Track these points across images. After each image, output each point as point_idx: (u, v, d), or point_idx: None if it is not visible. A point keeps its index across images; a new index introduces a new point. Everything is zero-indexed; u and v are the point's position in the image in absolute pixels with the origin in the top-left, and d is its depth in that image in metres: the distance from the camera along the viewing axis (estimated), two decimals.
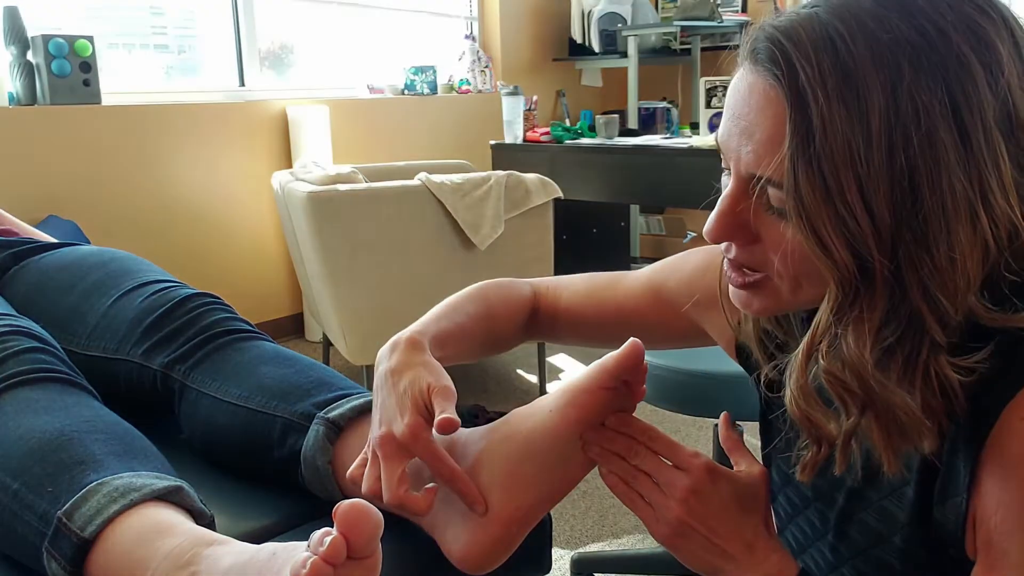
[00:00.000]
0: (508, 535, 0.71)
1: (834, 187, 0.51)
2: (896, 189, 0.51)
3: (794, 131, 0.52)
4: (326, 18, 3.76)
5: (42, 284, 1.12)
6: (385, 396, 0.72)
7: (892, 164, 0.50)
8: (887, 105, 0.50)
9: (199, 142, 3.13)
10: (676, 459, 0.70)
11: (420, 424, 0.69)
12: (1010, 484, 0.54)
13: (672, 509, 0.68)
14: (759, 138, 0.55)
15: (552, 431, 0.71)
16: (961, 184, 0.51)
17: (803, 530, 0.74)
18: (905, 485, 0.62)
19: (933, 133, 0.50)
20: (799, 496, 0.74)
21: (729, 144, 0.59)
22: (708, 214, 0.63)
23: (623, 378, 0.70)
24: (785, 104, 0.53)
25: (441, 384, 0.71)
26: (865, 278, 0.53)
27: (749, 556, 0.67)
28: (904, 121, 0.50)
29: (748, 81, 0.57)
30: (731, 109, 0.59)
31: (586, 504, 2.07)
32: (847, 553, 0.68)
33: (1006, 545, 0.54)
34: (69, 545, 0.67)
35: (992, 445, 0.54)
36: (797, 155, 0.52)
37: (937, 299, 0.52)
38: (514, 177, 2.59)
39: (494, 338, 0.89)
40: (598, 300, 0.92)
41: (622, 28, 4.25)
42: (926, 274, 0.52)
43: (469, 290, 0.87)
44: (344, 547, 0.54)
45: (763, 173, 0.56)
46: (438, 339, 0.78)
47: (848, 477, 0.68)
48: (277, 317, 3.47)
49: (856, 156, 0.51)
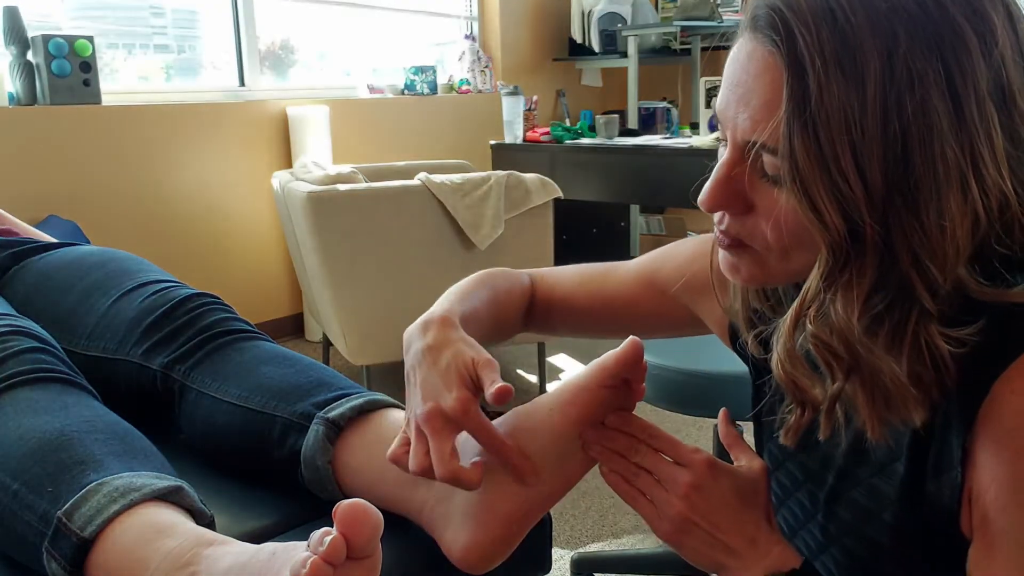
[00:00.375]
0: (508, 534, 0.71)
1: (828, 152, 0.52)
2: (889, 155, 0.51)
3: (790, 96, 0.53)
4: (326, 18, 3.76)
5: (42, 284, 1.12)
6: (426, 372, 0.70)
7: (886, 130, 0.51)
8: (882, 72, 0.51)
9: (199, 142, 3.13)
10: (677, 456, 0.70)
11: (469, 397, 0.68)
12: (1003, 457, 0.54)
13: (674, 505, 0.68)
14: (756, 104, 0.56)
15: (552, 430, 0.71)
16: (953, 152, 0.51)
17: (794, 512, 0.75)
18: (895, 461, 0.63)
19: (927, 100, 0.51)
20: (790, 479, 0.75)
21: (726, 112, 0.59)
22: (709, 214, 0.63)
23: (623, 376, 0.70)
24: (783, 70, 0.53)
25: (484, 357, 0.69)
26: (856, 244, 0.54)
27: (752, 550, 0.68)
28: (899, 88, 0.51)
29: (747, 49, 0.57)
30: (729, 78, 0.59)
31: (586, 504, 2.07)
32: (837, 532, 0.69)
33: (1004, 522, 0.55)
34: (69, 545, 0.67)
35: (985, 418, 0.55)
36: (793, 119, 0.52)
37: (926, 266, 0.52)
38: (514, 177, 2.59)
39: (500, 324, 0.88)
40: (591, 290, 0.92)
41: (622, 28, 4.25)
42: (916, 241, 0.52)
43: (477, 276, 0.86)
44: (344, 547, 0.54)
45: (759, 139, 0.56)
46: (464, 319, 0.77)
47: (837, 456, 0.68)
48: (277, 317, 3.47)
49: (851, 121, 0.51)
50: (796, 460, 0.74)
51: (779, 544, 0.68)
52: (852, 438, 0.67)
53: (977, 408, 0.55)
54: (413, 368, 0.72)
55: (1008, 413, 0.53)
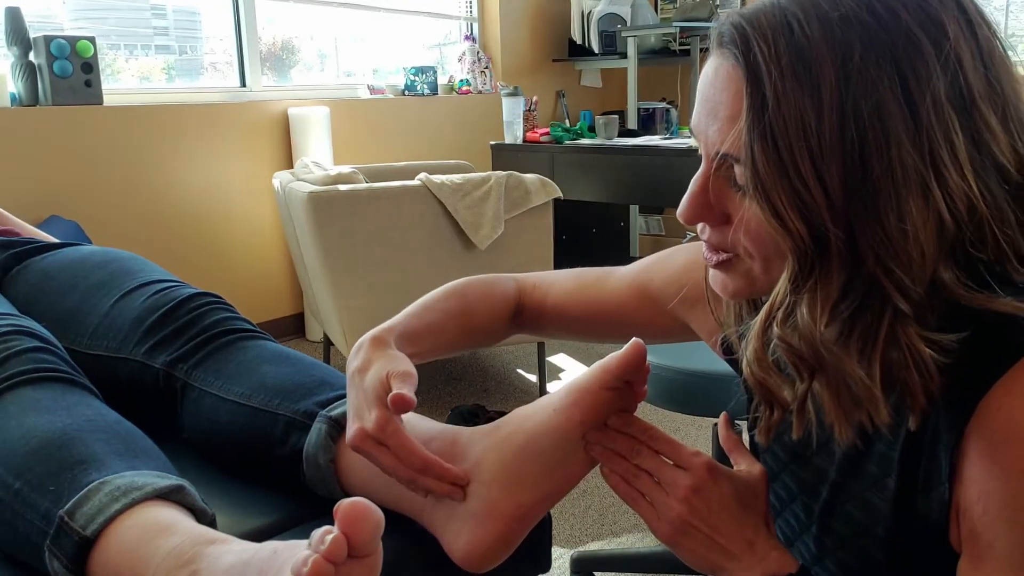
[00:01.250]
0: (509, 533, 0.71)
1: (787, 158, 0.53)
2: (847, 161, 0.52)
3: (750, 105, 0.54)
4: (327, 19, 3.77)
5: (44, 284, 1.12)
6: (353, 396, 0.73)
7: (843, 136, 0.52)
8: (838, 79, 0.52)
9: (200, 143, 3.13)
10: (677, 458, 0.71)
11: (385, 416, 0.70)
12: (992, 473, 0.54)
13: (674, 507, 0.69)
14: (722, 116, 0.57)
15: (555, 431, 0.72)
16: (911, 157, 0.52)
17: (790, 524, 0.75)
18: (887, 476, 0.63)
19: (882, 106, 0.52)
20: (785, 491, 0.75)
21: (699, 127, 0.61)
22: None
23: (625, 379, 0.71)
24: (744, 82, 0.55)
25: (399, 370, 0.71)
26: (820, 249, 0.54)
27: (750, 554, 0.68)
28: (854, 95, 0.52)
29: (714, 65, 0.59)
30: (700, 94, 0.61)
31: (586, 503, 2.08)
32: (831, 545, 0.69)
33: (990, 536, 0.55)
34: (71, 544, 0.68)
35: (972, 434, 0.55)
36: (753, 127, 0.54)
37: (892, 270, 0.53)
38: (514, 177, 2.59)
39: (473, 333, 0.90)
40: (585, 297, 0.93)
41: (622, 29, 4.25)
42: (878, 244, 0.53)
43: (447, 287, 0.89)
44: (345, 545, 0.54)
45: (725, 149, 0.57)
46: (406, 335, 0.79)
47: (831, 469, 0.69)
48: (278, 317, 3.47)
49: (808, 128, 0.52)
50: (791, 472, 0.74)
51: (776, 548, 0.68)
52: (845, 452, 0.67)
53: (965, 424, 0.55)
54: (347, 392, 0.75)
55: (995, 428, 0.54)
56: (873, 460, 0.64)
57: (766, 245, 0.58)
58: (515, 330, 0.95)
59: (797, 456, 0.74)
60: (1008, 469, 0.53)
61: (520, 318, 0.94)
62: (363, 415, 0.71)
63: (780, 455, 0.76)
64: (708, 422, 2.42)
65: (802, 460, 0.73)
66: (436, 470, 0.71)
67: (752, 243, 0.59)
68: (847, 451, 0.66)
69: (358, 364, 0.75)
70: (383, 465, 0.71)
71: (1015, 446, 0.53)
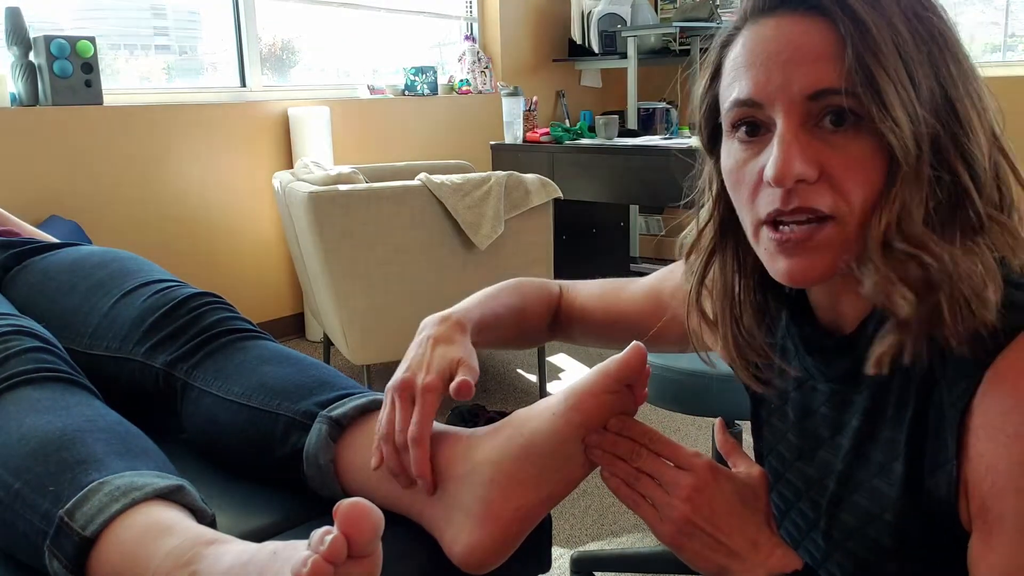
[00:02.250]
0: (508, 535, 0.72)
1: (892, 72, 0.58)
2: (928, 66, 0.60)
3: (852, 39, 0.59)
4: (326, 18, 3.77)
5: (44, 284, 1.12)
6: (420, 352, 0.79)
7: (921, 48, 0.60)
8: (902, 14, 0.60)
9: (201, 142, 3.13)
10: (677, 460, 0.71)
11: (438, 384, 0.75)
12: (997, 442, 0.55)
13: (676, 508, 0.69)
14: (810, 57, 0.60)
15: (555, 434, 0.72)
16: (965, 61, 0.62)
17: (796, 523, 0.75)
18: (894, 461, 0.63)
19: (933, 27, 0.61)
20: (791, 490, 0.75)
21: (770, 84, 0.61)
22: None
23: (626, 382, 0.72)
24: (833, 26, 0.60)
25: (470, 363, 0.77)
26: (919, 149, 0.59)
27: (754, 552, 0.68)
28: (914, 23, 0.61)
29: (771, 27, 0.62)
30: (763, 54, 0.62)
31: (586, 503, 2.08)
32: (840, 538, 0.69)
33: (1000, 508, 0.56)
34: (71, 544, 0.68)
35: (977, 407, 0.56)
36: (862, 53, 0.58)
37: (970, 155, 0.60)
38: (514, 177, 2.59)
39: (523, 332, 0.94)
40: (606, 304, 0.95)
41: (622, 29, 4.25)
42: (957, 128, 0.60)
43: (507, 283, 0.93)
44: (345, 546, 0.54)
45: (824, 85, 0.59)
46: (478, 325, 0.84)
47: (837, 461, 0.69)
48: (278, 317, 3.47)
49: (899, 41, 0.59)
50: (796, 470, 0.75)
51: (780, 547, 0.69)
52: (852, 442, 0.67)
53: (970, 399, 0.57)
54: (413, 346, 0.80)
55: (998, 400, 0.55)
56: (880, 446, 0.65)
57: (867, 171, 0.60)
58: (551, 335, 0.99)
59: (803, 453, 0.74)
60: (1014, 436, 0.54)
61: (556, 321, 0.97)
62: (419, 371, 0.76)
63: (784, 454, 0.76)
64: (708, 422, 2.42)
65: (808, 456, 0.73)
66: (420, 457, 0.73)
67: (854, 174, 0.60)
68: (853, 441, 0.67)
69: (437, 333, 0.80)
70: (390, 420, 0.75)
71: (1020, 414, 0.54)
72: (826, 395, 0.71)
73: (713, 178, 0.72)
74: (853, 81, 0.58)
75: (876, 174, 0.60)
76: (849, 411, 0.69)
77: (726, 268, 0.73)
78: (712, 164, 0.71)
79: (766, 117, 0.62)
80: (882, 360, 0.61)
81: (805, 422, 0.74)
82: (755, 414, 0.82)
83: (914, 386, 0.62)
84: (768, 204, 0.62)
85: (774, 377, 0.75)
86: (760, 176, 0.62)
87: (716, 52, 0.68)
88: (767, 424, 0.80)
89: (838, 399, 0.70)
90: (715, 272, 0.74)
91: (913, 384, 0.62)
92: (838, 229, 0.61)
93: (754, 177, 0.63)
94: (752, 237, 0.66)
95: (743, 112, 0.63)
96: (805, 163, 0.59)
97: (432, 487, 0.74)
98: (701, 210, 0.74)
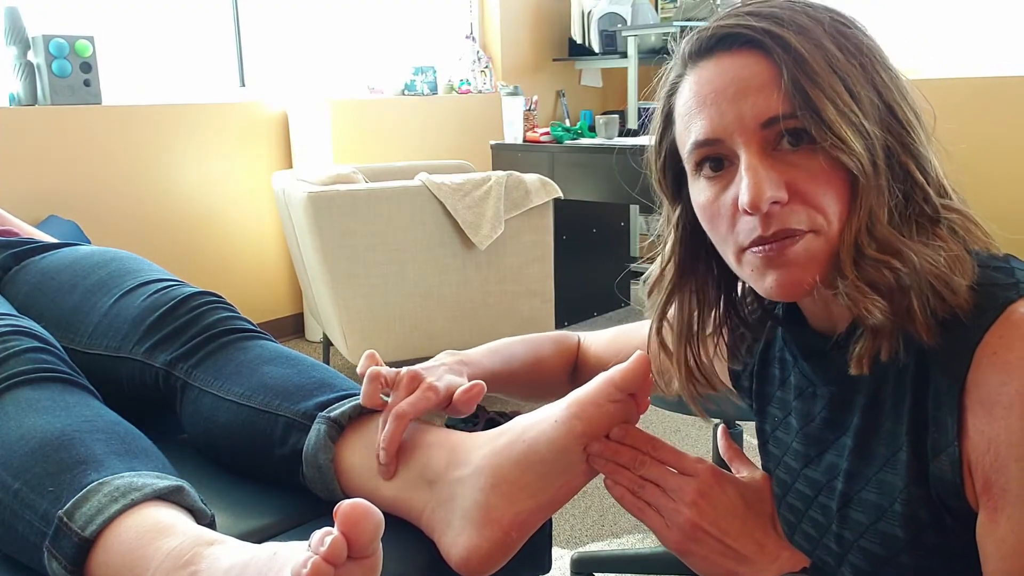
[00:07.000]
0: (507, 540, 0.72)
1: (828, 91, 0.61)
2: (862, 77, 0.63)
3: (788, 65, 0.62)
4: (326, 18, 3.77)
5: (43, 284, 1.12)
6: (440, 366, 0.84)
7: (850, 63, 0.63)
8: (828, 33, 0.64)
9: (200, 142, 3.13)
10: (681, 466, 0.71)
11: (439, 389, 0.79)
12: (994, 414, 0.56)
13: (682, 513, 0.69)
14: (754, 88, 0.63)
15: (556, 442, 0.72)
16: (893, 67, 0.66)
17: (807, 533, 0.75)
18: (898, 451, 0.64)
19: (859, 40, 0.65)
20: (800, 499, 0.75)
21: (724, 120, 0.64)
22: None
23: (629, 391, 0.72)
24: (768, 59, 0.63)
25: (478, 390, 0.80)
26: (872, 157, 0.62)
27: (762, 555, 0.68)
28: (839, 40, 0.64)
29: (710, 66, 0.66)
30: (711, 95, 0.65)
31: (586, 504, 2.08)
32: (852, 537, 0.69)
33: (1003, 480, 0.57)
34: (70, 544, 0.68)
35: (971, 385, 0.58)
36: (798, 78, 0.61)
37: (917, 152, 0.63)
38: (514, 177, 2.59)
39: (538, 383, 0.96)
40: (618, 346, 0.96)
41: (622, 28, 4.25)
42: (901, 129, 0.63)
43: (525, 337, 0.97)
44: (345, 547, 0.54)
45: (774, 112, 0.62)
46: (495, 375, 0.89)
47: (842, 461, 0.70)
48: (277, 317, 3.47)
49: (833, 63, 0.63)
50: (804, 478, 0.75)
51: (788, 548, 0.69)
52: (856, 439, 0.67)
53: (964, 378, 0.58)
54: (437, 360, 0.86)
55: (991, 374, 0.57)
56: (882, 439, 0.65)
57: (832, 183, 0.62)
58: (572, 386, 0.99)
59: (810, 459, 0.74)
60: (1009, 407, 0.56)
61: (575, 369, 0.99)
62: (432, 374, 0.81)
63: (792, 464, 0.76)
64: (709, 423, 2.42)
65: (814, 461, 0.73)
66: (393, 432, 0.76)
67: (821, 187, 0.62)
68: (856, 438, 0.68)
69: (449, 362, 0.86)
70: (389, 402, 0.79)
71: (1013, 384, 0.56)
72: (827, 399, 0.72)
73: (673, 220, 0.76)
74: (792, 105, 0.61)
75: (841, 184, 0.62)
76: (850, 410, 0.69)
77: (684, 307, 0.76)
78: (678, 208, 0.76)
79: (728, 151, 0.65)
80: (861, 361, 0.63)
81: (809, 428, 0.74)
82: (760, 430, 0.82)
83: (909, 376, 0.63)
84: (749, 232, 0.64)
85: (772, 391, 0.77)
86: (735, 206, 0.64)
87: (663, 102, 0.72)
88: (772, 438, 0.81)
89: (838, 400, 0.71)
90: (674, 309, 0.77)
91: (908, 374, 0.63)
92: (820, 240, 0.63)
93: (729, 208, 0.65)
94: (735, 264, 0.68)
95: (705, 151, 0.66)
96: (774, 186, 0.62)
97: (392, 470, 0.77)
98: (665, 248, 0.78)
